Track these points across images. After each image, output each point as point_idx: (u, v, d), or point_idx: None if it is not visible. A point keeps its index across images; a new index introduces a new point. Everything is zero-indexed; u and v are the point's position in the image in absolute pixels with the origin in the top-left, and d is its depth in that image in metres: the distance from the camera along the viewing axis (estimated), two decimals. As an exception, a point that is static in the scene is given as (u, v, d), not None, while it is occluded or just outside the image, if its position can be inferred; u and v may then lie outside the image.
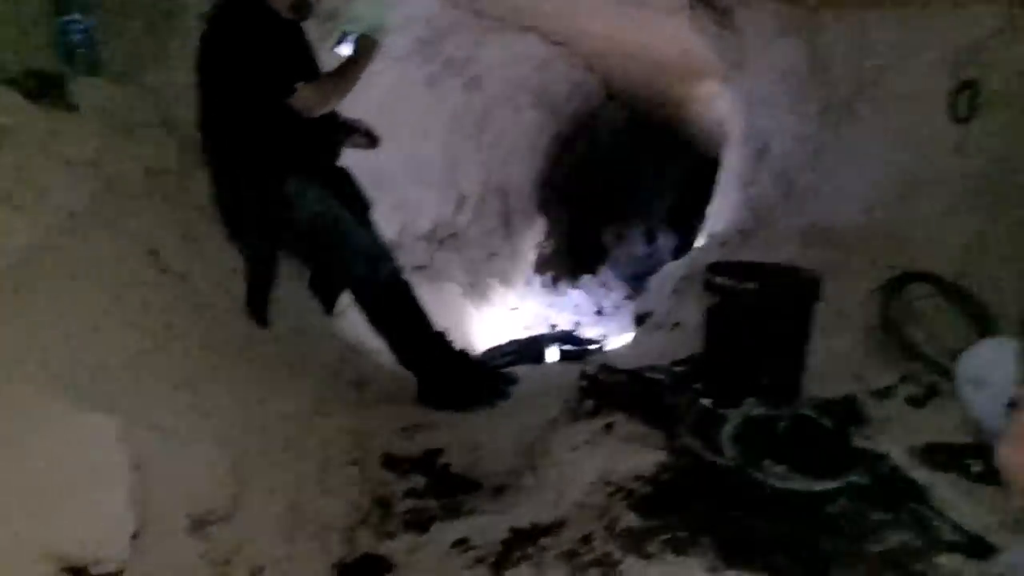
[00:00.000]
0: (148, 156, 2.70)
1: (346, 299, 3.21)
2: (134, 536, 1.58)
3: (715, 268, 2.62)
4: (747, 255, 3.24)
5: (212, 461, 1.91)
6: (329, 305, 3.29)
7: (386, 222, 3.92)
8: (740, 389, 2.41)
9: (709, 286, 2.60)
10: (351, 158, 3.23)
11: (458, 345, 3.18)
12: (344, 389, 2.96)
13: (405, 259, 4.66)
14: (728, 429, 2.23)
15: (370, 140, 3.24)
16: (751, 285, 2.48)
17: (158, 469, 1.70)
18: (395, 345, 3.05)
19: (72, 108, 2.58)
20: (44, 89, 2.55)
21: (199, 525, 1.77)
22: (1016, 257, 2.69)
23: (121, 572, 1.54)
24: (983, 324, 2.67)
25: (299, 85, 2.74)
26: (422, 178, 5.38)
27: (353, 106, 3.11)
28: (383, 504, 2.32)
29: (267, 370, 2.62)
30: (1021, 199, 2.73)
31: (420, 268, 5.04)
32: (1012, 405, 1.68)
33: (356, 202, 3.15)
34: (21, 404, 1.67)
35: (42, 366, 1.79)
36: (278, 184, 2.85)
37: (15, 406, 1.65)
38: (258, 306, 2.86)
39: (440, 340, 3.10)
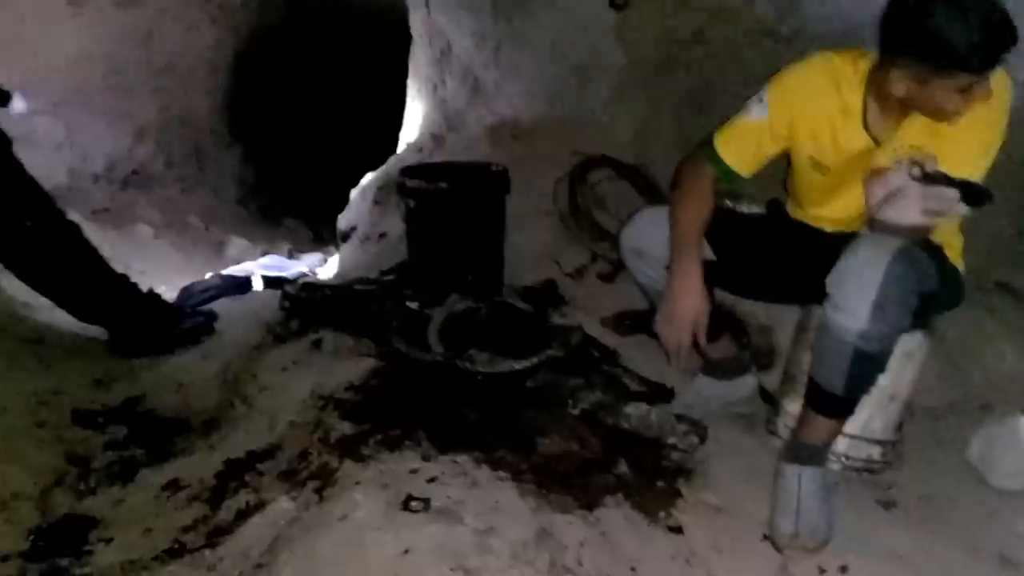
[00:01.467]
0: None
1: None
2: None
3: (407, 172, 2.65)
4: (442, 158, 3.29)
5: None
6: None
7: (49, 163, 3.49)
8: (446, 288, 2.49)
9: (403, 190, 2.62)
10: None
11: (144, 287, 2.95)
12: (19, 349, 2.65)
13: (82, 205, 4.22)
14: (433, 326, 2.30)
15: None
16: (442, 185, 2.53)
17: None
18: (66, 305, 2.77)
19: None
20: None
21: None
22: (678, 140, 2.97)
23: None
24: (658, 201, 2.95)
25: None
26: (86, 110, 4.82)
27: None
28: (80, 462, 2.13)
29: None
30: (677, 86, 3.00)
31: (102, 211, 4.58)
32: (668, 269, 1.87)
33: None
34: None
35: None
36: None
37: None
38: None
39: (122, 286, 2.85)
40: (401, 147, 3.89)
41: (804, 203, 2.00)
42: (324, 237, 6.06)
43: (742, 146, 1.89)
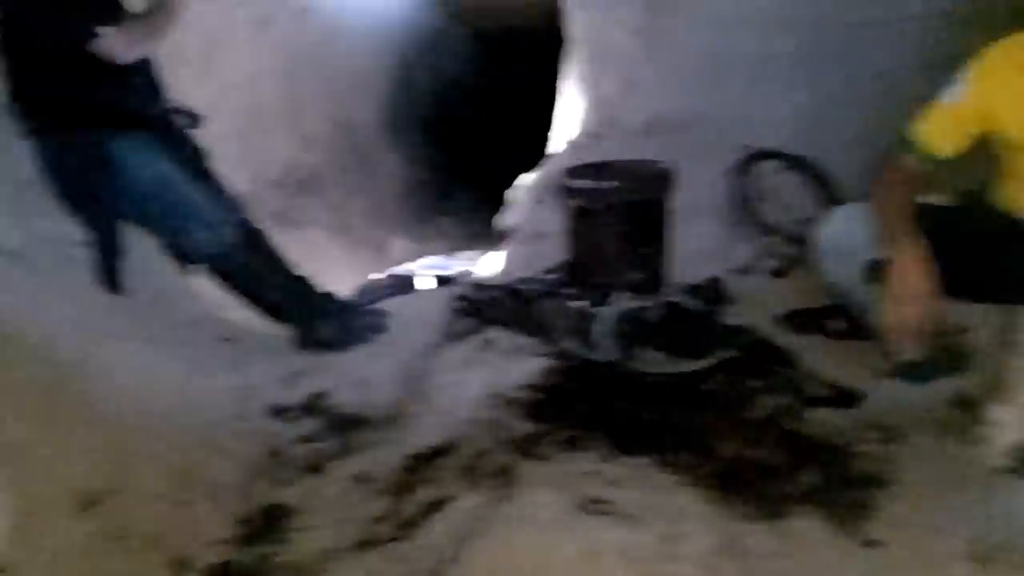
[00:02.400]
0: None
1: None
2: (14, 526, 1.50)
3: (572, 172, 2.66)
4: (600, 156, 3.29)
5: (92, 441, 1.83)
6: (185, 265, 3.14)
7: (234, 172, 3.75)
8: (610, 287, 2.49)
9: (567, 190, 2.64)
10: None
11: (323, 288, 3.12)
12: (216, 348, 2.86)
13: (260, 209, 4.50)
14: (602, 326, 2.30)
15: (191, 119, 3.04)
16: (607, 184, 2.53)
17: (33, 459, 1.61)
18: (255, 305, 2.96)
19: None
20: None
21: (86, 505, 1.70)
22: (847, 130, 2.85)
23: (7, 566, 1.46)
24: (827, 192, 2.84)
25: (102, 29, 2.52)
26: (265, 122, 5.16)
27: (178, 52, 2.92)
28: (275, 454, 2.28)
29: (132, 341, 2.50)
30: (847, 74, 2.88)
31: (278, 215, 4.87)
32: (875, 266, 1.80)
33: (191, 155, 2.98)
34: None
35: None
36: (99, 149, 2.66)
37: None
38: (108, 276, 2.70)
39: (304, 287, 3.03)
40: (556, 146, 3.92)
41: (1010, 191, 1.88)
42: (479, 236, 6.21)
43: (942, 129, 1.83)
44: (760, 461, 1.81)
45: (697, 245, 2.84)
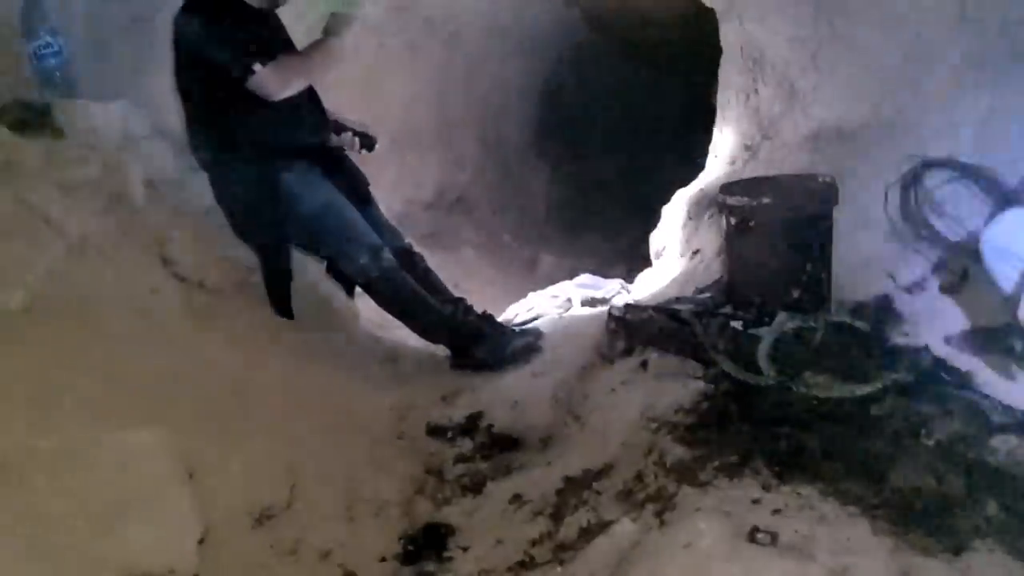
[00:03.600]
0: (145, 169, 2.69)
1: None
2: (200, 541, 1.61)
3: (728, 188, 2.60)
4: (757, 170, 3.19)
5: (264, 457, 1.94)
6: (350, 288, 3.30)
7: (389, 196, 3.91)
8: (770, 306, 2.41)
9: (724, 207, 2.58)
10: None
11: (479, 308, 3.19)
12: (378, 367, 2.99)
13: (415, 229, 4.66)
14: (763, 348, 2.23)
15: (365, 141, 3.18)
16: (767, 200, 2.45)
17: (213, 473, 1.73)
18: (415, 327, 3.07)
19: (59, 134, 2.57)
20: (28, 119, 2.54)
21: (262, 520, 1.81)
22: (1016, 132, 2.63)
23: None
24: (1005, 202, 2.63)
25: (256, 66, 2.67)
26: (418, 145, 5.34)
27: (338, 84, 3.07)
28: (435, 472, 2.35)
29: (301, 360, 2.64)
30: (1013, 72, 2.67)
31: (431, 235, 5.03)
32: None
33: (353, 182, 3.12)
34: (67, 430, 1.69)
35: (79, 391, 1.81)
36: (273, 182, 2.83)
37: (62, 433, 1.68)
38: (280, 300, 2.87)
39: (461, 309, 3.10)
40: (711, 161, 3.83)
41: None
42: (628, 254, 6.16)
43: None
44: (938, 491, 1.69)
45: (863, 261, 2.70)
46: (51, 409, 1.71)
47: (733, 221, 2.54)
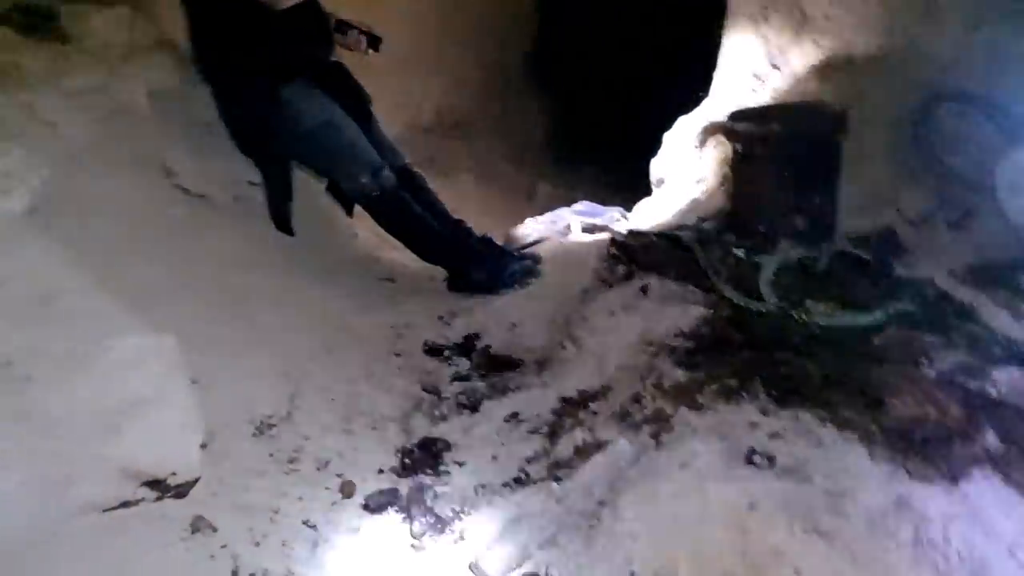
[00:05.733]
0: (150, 79, 2.63)
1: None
2: (202, 446, 1.62)
3: (735, 116, 2.55)
4: (764, 99, 3.13)
5: (264, 368, 1.94)
6: (349, 207, 3.26)
7: (389, 117, 3.82)
8: (773, 234, 2.39)
9: (730, 134, 2.54)
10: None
11: (478, 232, 3.16)
12: (376, 286, 2.97)
13: (413, 153, 4.59)
14: (766, 274, 2.22)
15: (370, 40, 3.09)
16: (775, 127, 2.41)
17: (215, 381, 1.72)
18: (414, 247, 3.04)
19: (66, 39, 2.51)
20: (36, 23, 2.48)
21: (262, 429, 1.82)
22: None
23: (196, 480, 1.58)
24: (1019, 136, 2.59)
25: None
26: (419, 66, 5.22)
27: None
28: (432, 390, 2.35)
29: (300, 276, 2.63)
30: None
31: (429, 160, 4.95)
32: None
33: (355, 99, 3.06)
34: (72, 333, 1.68)
35: (86, 298, 1.79)
36: (274, 93, 2.76)
37: (66, 335, 1.67)
38: (281, 216, 2.85)
39: (460, 230, 3.08)
40: (717, 87, 3.75)
41: None
42: (627, 183, 6.09)
43: None
44: (937, 420, 1.70)
45: (870, 193, 2.67)
46: (55, 312, 1.69)
47: (739, 148, 2.51)
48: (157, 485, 1.56)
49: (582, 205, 4.09)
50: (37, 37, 2.51)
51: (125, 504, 1.54)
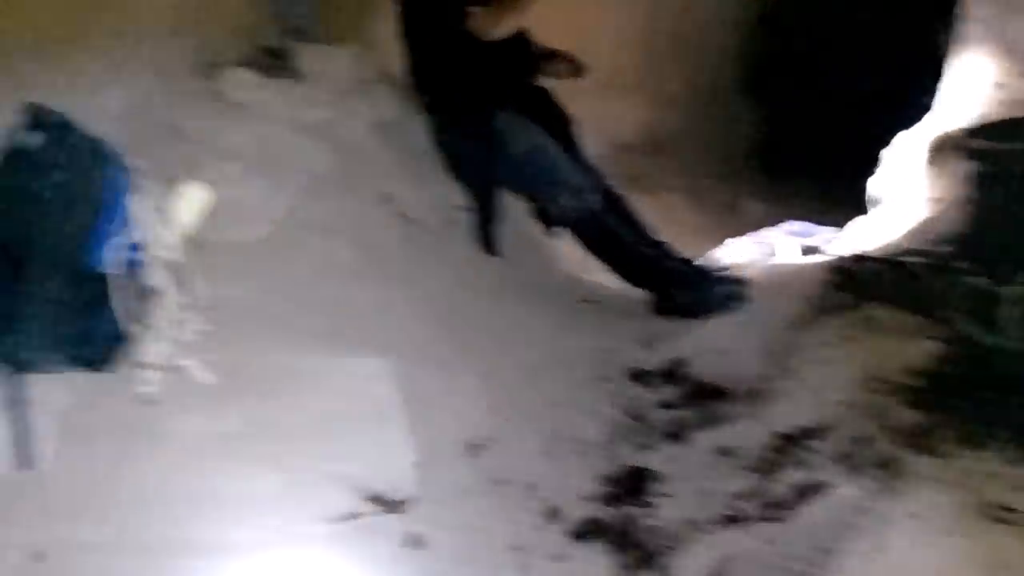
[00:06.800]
0: (372, 112, 2.82)
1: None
2: (417, 464, 1.69)
3: (976, 131, 2.34)
4: (1007, 112, 2.85)
5: (474, 388, 2.00)
6: (553, 229, 3.30)
7: (590, 138, 3.85)
8: (1019, 262, 2.16)
9: (966, 151, 2.33)
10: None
11: (681, 253, 3.10)
12: (581, 308, 2.98)
13: (615, 172, 4.59)
14: (1010, 308, 2.01)
15: (574, 68, 3.14)
16: (1018, 145, 2.19)
17: (428, 400, 1.79)
18: (618, 269, 3.03)
19: (300, 77, 2.75)
20: (273, 63, 2.74)
21: (472, 450, 1.86)
22: None
23: (411, 497, 1.65)
24: None
25: (472, 8, 2.70)
26: (622, 84, 5.22)
27: (544, 23, 3.05)
28: (636, 417, 2.32)
29: (508, 298, 2.70)
30: None
31: (631, 178, 4.92)
32: None
33: (558, 122, 3.11)
34: (298, 355, 1.82)
35: (311, 319, 1.93)
36: (486, 121, 2.87)
37: (293, 358, 1.80)
38: (487, 239, 2.93)
39: (664, 252, 3.03)
40: (944, 100, 3.47)
41: None
42: (839, 200, 5.77)
43: None
44: None
45: None
46: (287, 332, 1.83)
47: (980, 168, 2.29)
48: (376, 500, 1.64)
49: (794, 224, 3.91)
50: (275, 76, 2.75)
51: (349, 516, 1.63)
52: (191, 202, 1.98)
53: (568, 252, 3.35)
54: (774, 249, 3.62)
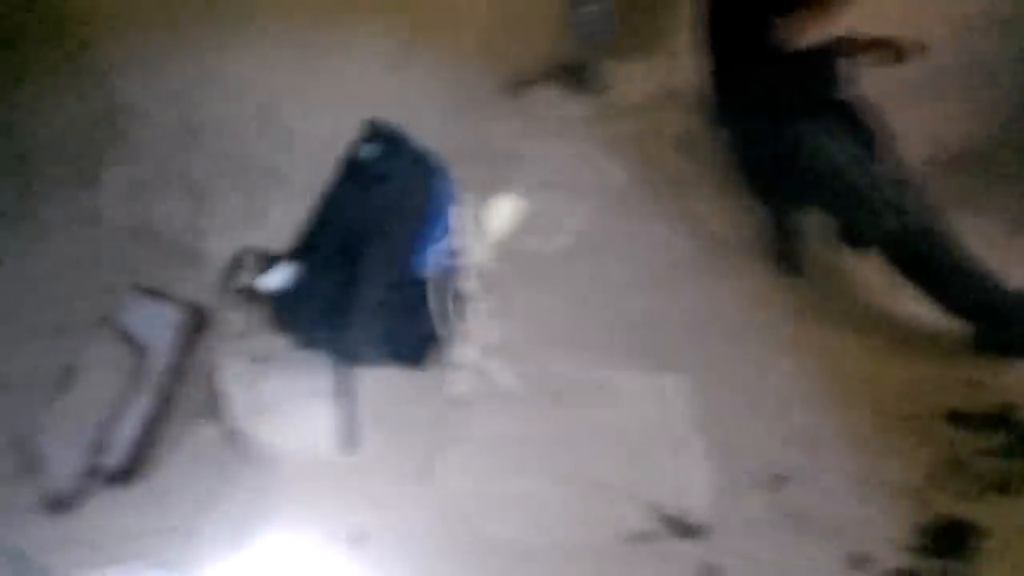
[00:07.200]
0: (675, 125, 2.81)
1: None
2: (715, 493, 1.64)
3: None
4: None
5: (775, 416, 1.92)
6: (858, 250, 3.08)
7: (908, 151, 3.53)
8: None
9: None
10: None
11: (1010, 284, 2.75)
12: (890, 338, 2.75)
13: (935, 192, 4.18)
14: None
15: (897, 54, 2.89)
16: None
17: (730, 426, 1.74)
18: (936, 297, 2.75)
19: (602, 92, 2.81)
20: (575, 79, 2.83)
21: (776, 483, 1.79)
22: None
23: (709, 524, 1.61)
24: None
25: (779, 18, 2.58)
26: (941, 90, 4.74)
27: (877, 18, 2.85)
28: (954, 463, 2.11)
29: (807, 320, 2.56)
30: None
31: (950, 198, 4.44)
32: None
33: (874, 136, 2.89)
34: (596, 367, 1.85)
35: (609, 332, 1.96)
36: (792, 134, 2.75)
37: (593, 369, 1.84)
38: (787, 258, 2.81)
39: (990, 281, 2.70)
40: None
41: None
42: None
43: None
44: None
45: None
46: (587, 344, 1.87)
47: None
48: (673, 523, 1.62)
49: None
50: (577, 91, 2.84)
51: (641, 537, 1.63)
52: (504, 213, 2.09)
53: (876, 276, 3.12)
54: None
